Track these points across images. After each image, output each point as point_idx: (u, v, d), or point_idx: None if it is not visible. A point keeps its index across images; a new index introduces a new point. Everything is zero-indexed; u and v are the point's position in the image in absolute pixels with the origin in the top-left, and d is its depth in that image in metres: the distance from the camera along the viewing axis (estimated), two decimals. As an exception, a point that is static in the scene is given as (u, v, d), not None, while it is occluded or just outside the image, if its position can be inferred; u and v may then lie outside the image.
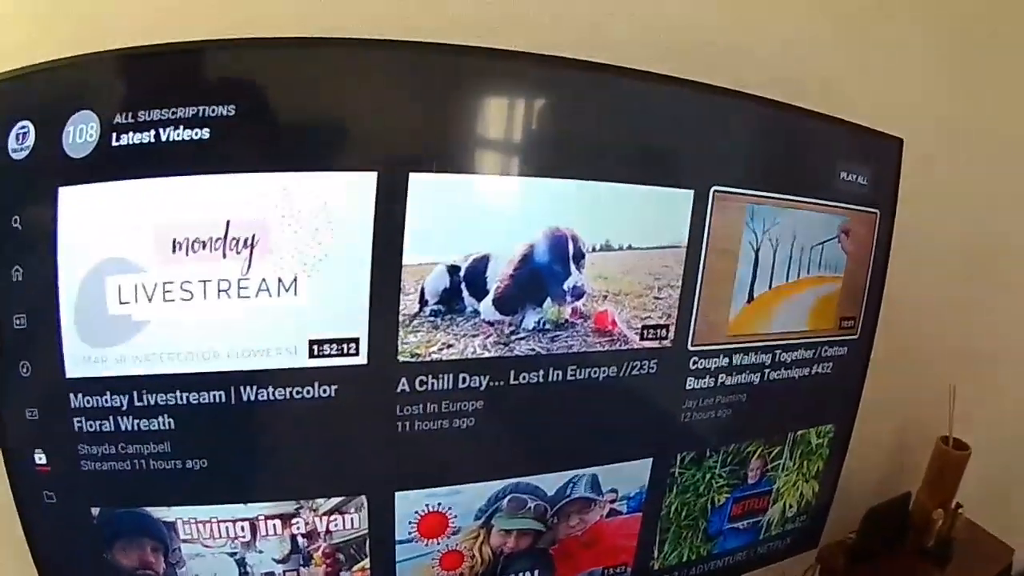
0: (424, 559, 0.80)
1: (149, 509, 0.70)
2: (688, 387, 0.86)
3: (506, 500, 0.81)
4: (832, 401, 1.02)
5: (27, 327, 0.64)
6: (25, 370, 0.65)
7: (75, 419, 0.66)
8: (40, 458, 0.67)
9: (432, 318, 0.71)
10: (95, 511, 0.69)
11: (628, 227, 0.77)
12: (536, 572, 0.87)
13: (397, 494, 0.76)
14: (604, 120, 0.74)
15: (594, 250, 0.76)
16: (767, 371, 0.92)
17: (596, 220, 0.75)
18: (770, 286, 0.88)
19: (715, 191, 0.81)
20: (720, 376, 0.88)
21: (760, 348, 0.90)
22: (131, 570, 0.72)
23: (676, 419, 0.87)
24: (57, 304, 0.62)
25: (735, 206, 0.83)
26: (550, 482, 0.82)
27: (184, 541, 0.72)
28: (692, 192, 0.79)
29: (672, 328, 0.82)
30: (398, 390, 0.71)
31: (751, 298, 0.87)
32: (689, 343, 0.84)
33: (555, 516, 0.85)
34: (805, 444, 1.02)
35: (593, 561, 0.91)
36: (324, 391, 0.69)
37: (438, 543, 0.80)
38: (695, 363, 0.86)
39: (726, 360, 0.88)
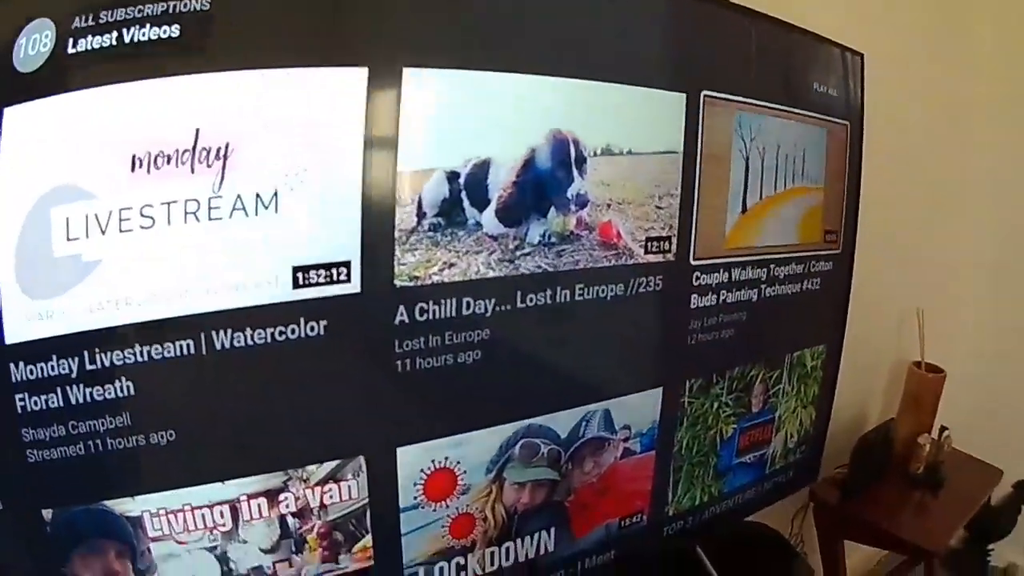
0: (432, 527, 0.76)
1: (110, 503, 0.62)
2: (693, 305, 0.89)
3: (518, 447, 0.79)
4: (822, 319, 1.10)
5: None
6: None
7: (17, 396, 0.57)
8: None
9: (431, 233, 0.68)
10: (47, 514, 0.61)
11: (627, 131, 0.78)
12: (552, 530, 0.85)
13: (399, 450, 0.71)
14: (603, 21, 0.76)
15: (595, 154, 0.76)
16: (763, 287, 0.96)
17: (596, 123, 0.75)
18: (761, 196, 0.94)
19: (705, 95, 0.84)
20: (722, 293, 0.91)
21: (756, 262, 0.94)
22: None
23: (683, 342, 0.89)
24: None
25: (724, 111, 0.87)
26: (563, 422, 0.81)
27: (154, 539, 0.65)
28: (684, 95, 0.82)
29: (674, 240, 0.84)
30: (396, 321, 0.68)
31: (745, 208, 0.92)
32: (691, 257, 0.86)
33: (569, 461, 0.83)
34: (801, 367, 1.09)
35: (609, 511, 0.90)
36: (312, 328, 0.64)
37: (447, 506, 0.76)
38: (698, 279, 0.88)
39: (726, 276, 0.91)
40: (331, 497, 0.70)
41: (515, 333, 0.75)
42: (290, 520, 0.69)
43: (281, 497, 0.68)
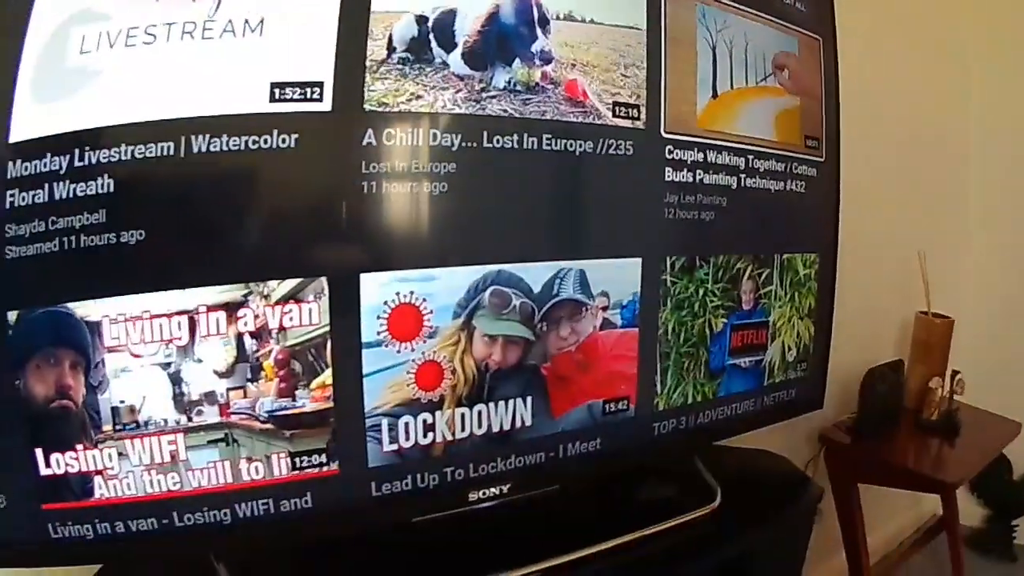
0: (397, 371, 0.77)
1: (72, 305, 0.66)
2: (667, 178, 0.92)
3: (488, 293, 0.80)
4: (811, 226, 1.11)
5: None
6: None
7: (8, 192, 0.64)
8: None
9: (400, 66, 0.74)
10: (12, 316, 0.65)
11: (589, 1, 0.87)
12: (529, 399, 0.85)
13: (363, 276, 0.74)
14: None
15: (558, 18, 0.83)
16: (742, 176, 0.99)
17: (559, -11, 0.84)
18: (731, 85, 0.98)
19: (665, -24, 0.93)
20: (697, 172, 0.94)
21: (732, 149, 0.98)
22: (46, 400, 0.67)
23: (660, 214, 0.91)
24: (19, 58, 0.63)
25: (686, 1, 0.95)
26: (535, 274, 0.83)
27: (109, 349, 0.68)
28: (644, -27, 0.91)
29: (643, 109, 0.88)
30: (364, 143, 0.72)
31: (715, 93, 0.96)
32: (662, 129, 0.91)
33: (543, 321, 0.84)
34: (793, 272, 1.08)
35: (592, 391, 0.89)
36: (283, 140, 0.69)
37: (412, 349, 0.77)
38: (671, 152, 0.91)
39: (701, 155, 0.94)
40: (291, 319, 0.72)
41: (482, 173, 0.79)
42: (247, 340, 0.72)
43: (240, 313, 0.71)
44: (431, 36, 0.76)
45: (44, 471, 0.68)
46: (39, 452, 0.68)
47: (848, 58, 1.19)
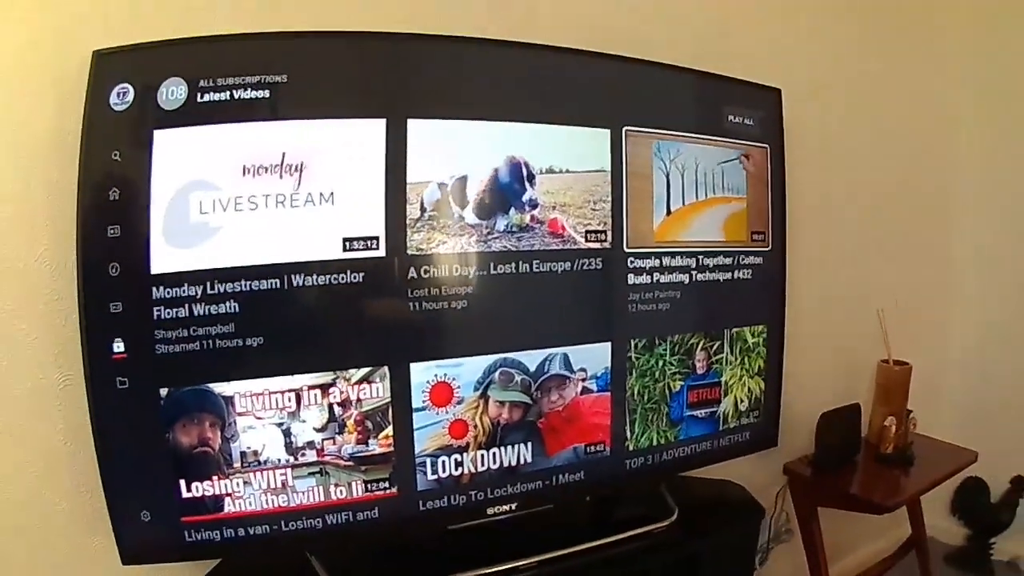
0: (436, 427, 1.18)
1: (212, 385, 1.05)
2: (630, 282, 1.30)
3: (497, 373, 1.21)
4: (758, 303, 1.47)
5: (120, 235, 0.98)
6: (114, 270, 0.98)
7: (155, 308, 1.00)
8: (118, 347, 1.00)
9: (430, 221, 1.14)
10: (163, 392, 1.02)
11: (565, 156, 1.23)
12: (529, 444, 1.25)
13: (412, 365, 1.15)
14: (543, 80, 1.23)
15: (541, 172, 1.22)
16: (694, 272, 1.36)
17: (541, 151, 1.21)
18: (683, 202, 1.35)
19: (627, 130, 1.29)
20: (655, 274, 1.32)
21: (684, 253, 1.35)
22: (190, 447, 1.04)
23: (624, 309, 1.30)
24: (148, 216, 0.98)
25: (643, 141, 1.31)
26: (531, 359, 1.23)
27: (240, 414, 1.06)
28: (609, 131, 1.27)
29: (609, 233, 1.27)
30: (408, 276, 1.13)
31: (669, 211, 1.33)
32: (625, 246, 1.29)
33: (538, 390, 1.24)
34: (742, 341, 1.44)
35: (575, 437, 1.28)
36: (354, 277, 1.09)
37: (446, 411, 1.18)
38: (632, 262, 1.30)
39: (657, 261, 1.32)
40: (364, 393, 1.13)
41: (490, 291, 1.19)
42: (336, 408, 1.11)
43: (330, 390, 1.11)
44: (450, 197, 1.16)
45: (185, 495, 1.06)
46: (182, 482, 1.05)
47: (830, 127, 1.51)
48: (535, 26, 1.32)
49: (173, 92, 1.00)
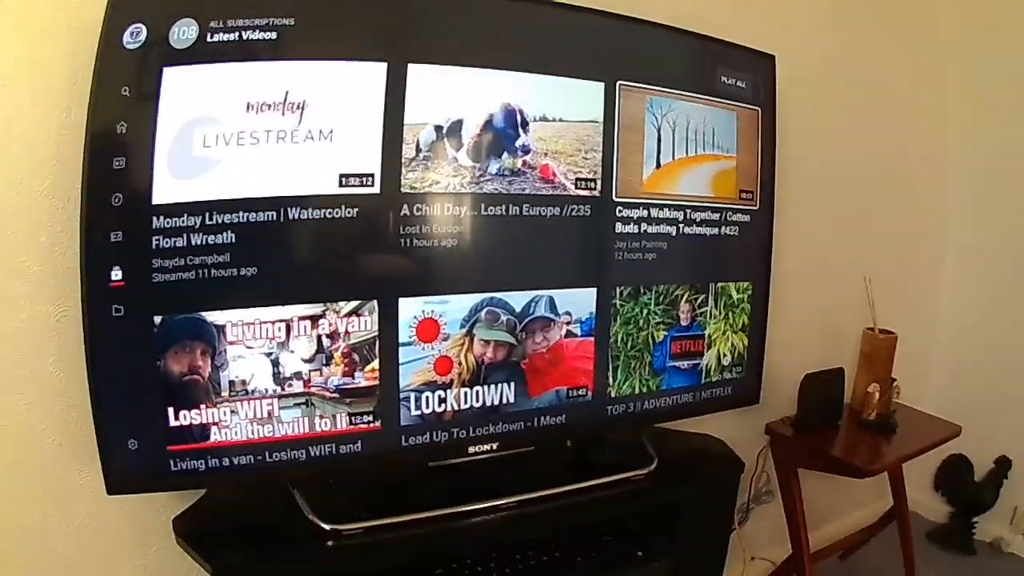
0: (421, 362, 1.23)
1: (205, 314, 1.09)
2: (617, 230, 1.36)
3: (484, 312, 1.26)
4: (745, 260, 1.53)
5: (125, 167, 1.02)
6: (116, 200, 1.02)
7: (154, 238, 1.04)
8: (116, 274, 1.03)
9: (424, 161, 1.20)
10: (157, 319, 1.06)
11: (559, 105, 1.29)
12: (512, 384, 1.30)
13: (400, 300, 1.20)
14: (542, 33, 1.28)
15: (535, 120, 1.27)
16: (681, 225, 1.42)
17: (536, 100, 1.27)
18: (673, 157, 1.41)
19: (620, 84, 1.35)
20: (642, 224, 1.38)
21: (672, 205, 1.41)
22: (180, 375, 1.08)
23: (611, 257, 1.36)
24: (153, 148, 1.02)
25: (637, 95, 1.37)
26: (517, 299, 1.29)
27: (230, 343, 1.11)
28: (603, 84, 1.33)
29: (599, 181, 1.33)
30: (401, 213, 1.18)
31: (659, 164, 1.39)
32: (613, 194, 1.35)
33: (523, 331, 1.30)
34: (727, 296, 1.50)
35: (558, 380, 1.34)
36: (348, 212, 1.15)
37: (432, 347, 1.23)
38: (620, 211, 1.36)
39: (645, 212, 1.38)
40: (353, 326, 1.18)
41: (480, 232, 1.25)
42: (324, 339, 1.17)
43: (320, 321, 1.16)
44: (445, 139, 1.21)
45: (173, 423, 1.09)
46: (170, 410, 1.09)
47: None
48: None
49: (184, 32, 1.05)
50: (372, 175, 1.16)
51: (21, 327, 1.14)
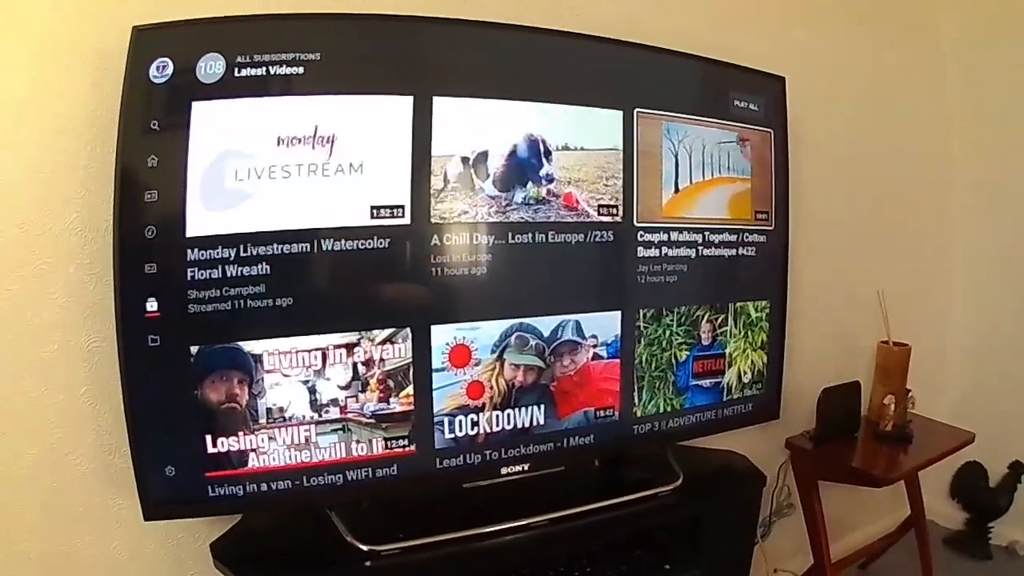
0: (454, 387, 1.26)
1: (241, 344, 1.12)
2: (639, 255, 1.39)
3: (513, 337, 1.29)
4: (762, 280, 1.55)
5: (156, 200, 1.05)
6: (150, 233, 1.05)
7: (189, 270, 1.07)
8: (151, 305, 1.06)
9: (452, 192, 1.23)
10: (194, 349, 1.09)
11: (580, 134, 1.33)
12: (542, 406, 1.33)
13: (433, 327, 1.23)
14: (561, 63, 1.32)
15: (558, 149, 1.31)
16: (700, 248, 1.45)
17: (558, 129, 1.31)
18: (691, 181, 1.44)
19: (638, 111, 1.39)
20: (663, 248, 1.41)
21: (691, 228, 1.44)
22: (217, 403, 1.11)
23: (634, 280, 1.39)
24: (185, 182, 1.05)
25: (653, 122, 1.40)
26: (545, 324, 1.32)
27: (267, 372, 1.13)
28: (621, 112, 1.37)
29: (620, 207, 1.36)
30: (432, 243, 1.22)
31: (677, 189, 1.43)
32: (635, 220, 1.38)
33: (552, 355, 1.33)
34: (746, 315, 1.53)
35: (586, 401, 1.37)
36: (380, 243, 1.18)
37: (464, 372, 1.26)
38: (641, 236, 1.39)
39: (665, 235, 1.41)
40: (387, 353, 1.21)
41: (508, 260, 1.28)
42: (359, 367, 1.19)
43: (355, 350, 1.19)
44: (472, 170, 1.25)
45: (211, 449, 1.12)
46: (208, 437, 1.11)
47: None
48: (557, 13, 1.41)
49: (211, 67, 1.08)
50: (402, 206, 1.19)
51: (53, 357, 1.16)
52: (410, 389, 1.23)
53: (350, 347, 1.18)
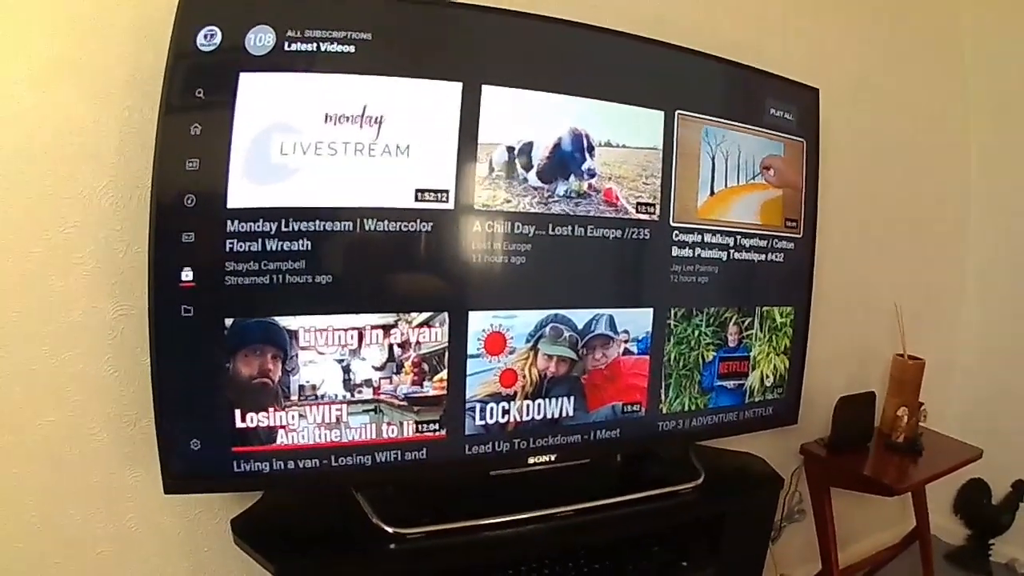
0: (488, 374, 1.27)
1: (277, 319, 1.11)
2: (674, 254, 1.40)
3: (548, 327, 1.30)
4: (788, 286, 1.57)
5: (198, 169, 1.03)
6: (189, 201, 1.04)
7: (228, 241, 1.06)
8: (187, 275, 1.04)
9: (496, 180, 1.24)
10: (228, 322, 1.08)
11: (622, 132, 1.34)
12: (572, 398, 1.34)
13: (470, 313, 1.24)
14: (608, 60, 1.33)
15: (600, 144, 1.32)
16: (731, 251, 1.47)
17: (602, 126, 1.32)
18: (726, 185, 1.46)
19: (679, 113, 1.40)
20: (697, 249, 1.42)
21: (724, 232, 1.46)
22: (249, 378, 1.10)
23: (667, 279, 1.40)
24: (229, 152, 1.04)
25: (694, 124, 1.42)
26: (580, 316, 1.33)
27: (302, 348, 1.13)
28: (663, 112, 1.38)
29: (658, 206, 1.37)
30: (474, 229, 1.22)
31: (712, 191, 1.44)
32: (671, 219, 1.39)
33: (584, 347, 1.33)
34: (771, 320, 1.54)
35: (614, 395, 1.38)
36: (424, 226, 1.18)
37: (499, 360, 1.27)
38: (676, 236, 1.40)
39: (699, 236, 1.43)
40: (424, 337, 1.21)
41: (547, 250, 1.29)
42: (395, 348, 1.19)
43: (392, 331, 1.18)
44: (516, 160, 1.26)
45: (239, 424, 1.11)
46: (237, 412, 1.10)
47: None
48: (605, 11, 1.43)
49: (261, 39, 1.07)
50: (447, 191, 1.19)
51: (76, 323, 1.15)
52: (444, 374, 1.23)
53: (387, 328, 1.18)
